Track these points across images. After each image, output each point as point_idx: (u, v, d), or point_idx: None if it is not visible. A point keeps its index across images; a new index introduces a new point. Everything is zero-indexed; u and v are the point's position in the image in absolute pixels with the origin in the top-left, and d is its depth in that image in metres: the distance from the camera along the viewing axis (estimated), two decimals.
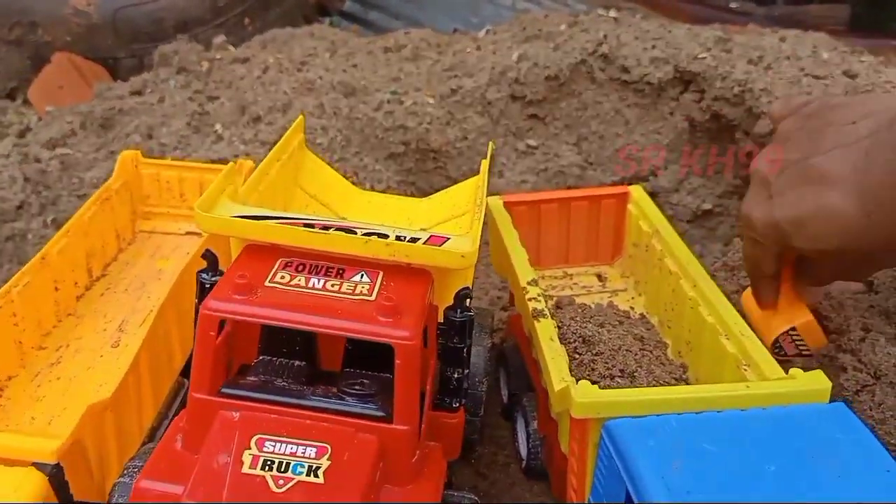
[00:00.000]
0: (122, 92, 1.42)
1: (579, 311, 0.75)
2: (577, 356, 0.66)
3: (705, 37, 1.24)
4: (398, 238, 0.56)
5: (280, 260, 0.55)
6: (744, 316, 0.68)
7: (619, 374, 0.65)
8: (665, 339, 0.75)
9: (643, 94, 1.18)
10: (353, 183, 1.16)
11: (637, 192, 0.86)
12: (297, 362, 0.57)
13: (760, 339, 0.63)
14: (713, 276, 0.75)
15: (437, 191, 1.21)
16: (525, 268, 0.73)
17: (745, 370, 0.60)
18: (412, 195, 1.23)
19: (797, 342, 0.74)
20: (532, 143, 1.20)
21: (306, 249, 0.55)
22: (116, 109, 1.34)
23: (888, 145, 0.58)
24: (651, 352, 0.70)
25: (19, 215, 1.10)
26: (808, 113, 0.67)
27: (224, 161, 1.13)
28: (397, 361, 0.50)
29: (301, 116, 0.80)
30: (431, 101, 1.21)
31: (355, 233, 0.56)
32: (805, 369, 0.57)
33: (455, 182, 1.21)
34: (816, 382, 0.54)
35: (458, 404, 0.61)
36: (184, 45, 1.51)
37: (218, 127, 1.28)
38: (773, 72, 1.12)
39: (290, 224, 0.55)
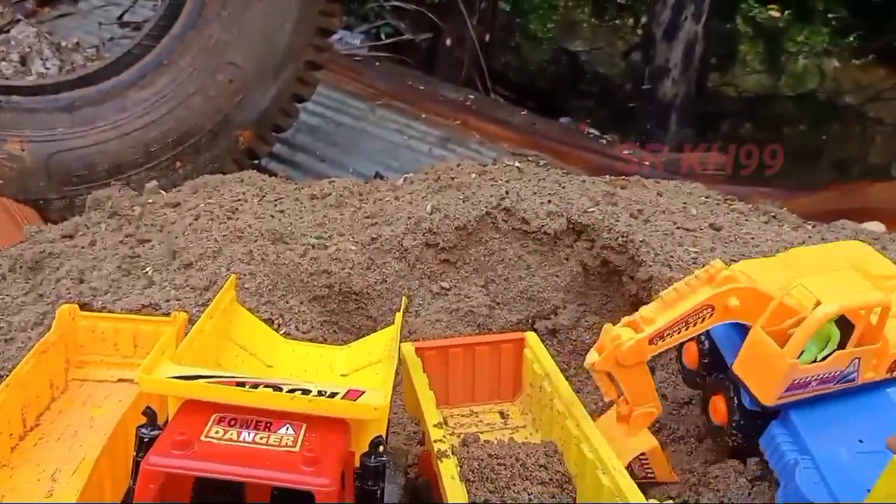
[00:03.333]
0: (53, 235, 1.49)
1: (482, 448, 0.84)
2: (477, 493, 0.75)
3: (595, 191, 1.41)
4: (320, 393, 0.65)
5: (214, 415, 0.63)
6: None
7: None
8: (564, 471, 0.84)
9: (542, 242, 1.32)
10: (278, 325, 1.25)
11: (531, 338, 0.98)
12: None
13: None
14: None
15: (359, 329, 1.32)
16: (432, 411, 0.82)
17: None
18: (335, 334, 1.32)
19: (646, 468, 0.84)
20: (445, 285, 1.32)
21: (238, 405, 0.63)
22: (47, 253, 1.40)
23: None
24: (546, 486, 0.79)
25: None
26: None
27: (156, 307, 1.20)
28: None
29: (232, 277, 0.90)
30: (353, 247, 1.32)
31: (281, 389, 0.64)
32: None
33: (375, 321, 1.31)
34: None
35: None
36: (116, 190, 1.60)
37: (149, 270, 1.35)
38: (651, 225, 1.29)
39: (223, 383, 0.63)
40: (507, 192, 1.36)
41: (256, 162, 2.05)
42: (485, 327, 1.30)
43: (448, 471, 0.71)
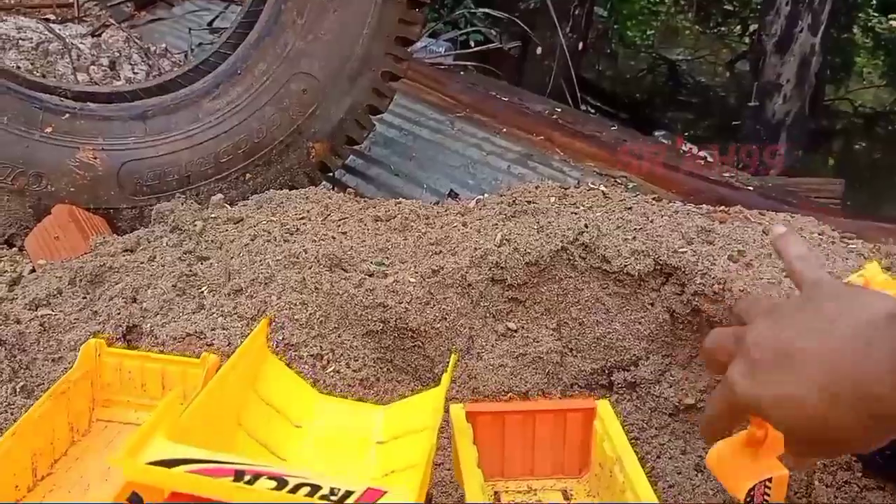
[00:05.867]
0: (116, 248, 1.45)
1: None
2: None
3: (688, 226, 1.26)
4: (332, 492, 0.54)
5: None
6: None
7: None
8: None
9: (624, 283, 1.18)
10: (328, 361, 1.15)
11: (603, 408, 0.84)
12: None
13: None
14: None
15: (415, 369, 1.22)
16: (477, 496, 0.70)
17: None
18: (389, 373, 1.22)
19: (765, 496, 0.73)
20: (512, 326, 1.20)
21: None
22: (107, 267, 1.36)
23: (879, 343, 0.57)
24: None
25: None
26: (806, 300, 0.67)
27: (200, 335, 1.13)
28: None
29: (264, 321, 0.80)
30: (412, 279, 1.21)
31: (287, 483, 0.54)
32: None
33: (433, 362, 1.20)
34: None
35: None
36: (179, 203, 1.55)
37: (204, 290, 1.28)
38: (754, 270, 1.13)
39: (216, 472, 0.53)
40: (586, 226, 1.22)
41: (330, 175, 1.98)
42: (554, 376, 1.17)
43: None
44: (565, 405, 0.86)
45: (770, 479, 0.72)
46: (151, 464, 0.53)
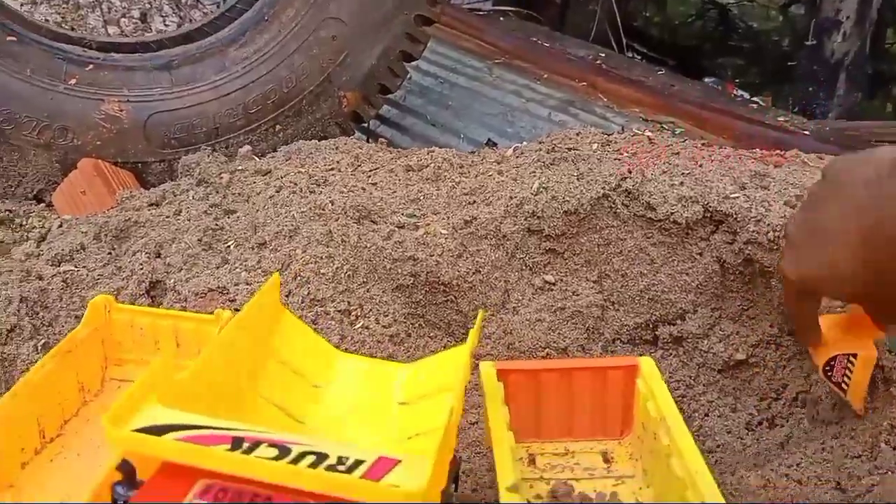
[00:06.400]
0: (142, 202, 1.41)
1: None
2: None
3: (740, 170, 1.16)
4: (339, 460, 0.48)
5: (200, 482, 0.48)
6: None
7: None
8: None
9: (670, 232, 1.09)
10: (356, 317, 1.10)
11: (646, 364, 0.77)
12: None
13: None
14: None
15: (448, 325, 1.16)
16: (506, 465, 0.64)
17: None
18: (420, 328, 1.16)
19: (847, 372, 0.73)
20: (549, 279, 1.13)
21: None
22: (132, 221, 1.32)
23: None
24: None
25: (10, 339, 1.06)
26: (828, 175, 0.72)
27: (223, 290, 1.09)
28: None
29: (275, 276, 0.75)
30: (444, 231, 1.15)
31: (289, 451, 0.48)
32: None
33: (466, 317, 1.14)
34: None
35: None
36: (206, 155, 1.51)
37: (231, 244, 1.24)
38: None
39: (211, 440, 0.48)
40: (630, 171, 1.14)
41: (363, 125, 1.91)
42: (595, 331, 1.10)
43: None
44: (605, 363, 0.79)
45: (854, 356, 0.72)
46: (139, 431, 0.48)
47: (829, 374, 0.78)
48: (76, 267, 1.21)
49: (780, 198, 1.08)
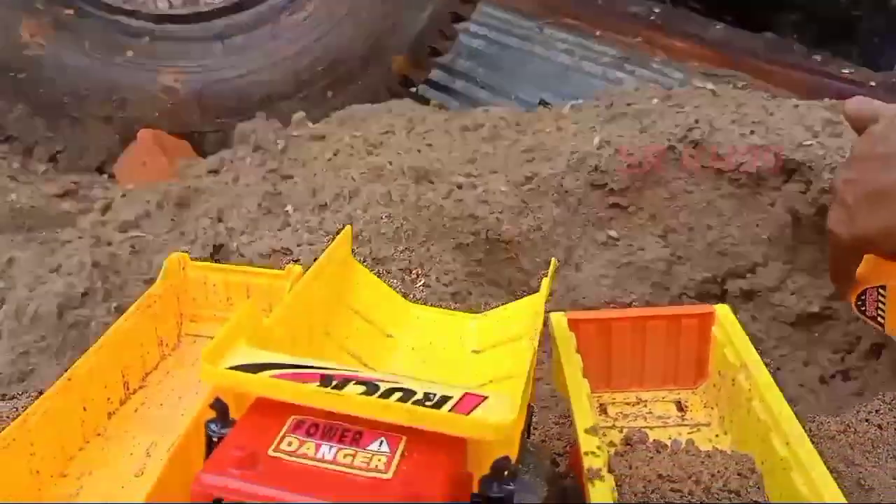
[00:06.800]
0: (201, 170, 1.43)
1: (650, 456, 0.64)
2: None
3: (812, 118, 1.12)
4: (426, 397, 0.48)
5: (292, 419, 0.48)
6: None
7: None
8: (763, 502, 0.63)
9: (740, 183, 1.06)
10: (417, 276, 1.10)
11: (723, 312, 0.75)
12: None
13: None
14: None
15: (510, 283, 1.15)
16: (583, 409, 0.63)
17: None
18: (481, 287, 1.16)
19: (879, 305, 0.73)
20: (613, 234, 1.11)
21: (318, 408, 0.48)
22: (193, 189, 1.34)
23: None
24: None
25: (84, 302, 1.09)
26: (879, 134, 0.71)
27: (287, 251, 1.10)
28: None
29: (348, 228, 0.75)
30: (504, 188, 1.14)
31: (378, 388, 0.48)
32: None
33: (528, 275, 1.13)
34: None
35: None
36: (261, 122, 1.51)
37: (289, 208, 1.25)
38: None
39: (302, 377, 0.48)
40: (696, 121, 1.11)
41: (413, 90, 1.90)
42: (662, 286, 1.08)
43: (601, 497, 0.53)
44: (679, 311, 0.77)
45: (883, 287, 0.72)
46: (233, 368, 0.49)
47: (863, 308, 0.77)
48: (143, 233, 1.24)
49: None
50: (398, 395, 0.48)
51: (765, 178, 1.04)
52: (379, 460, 0.46)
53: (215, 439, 0.51)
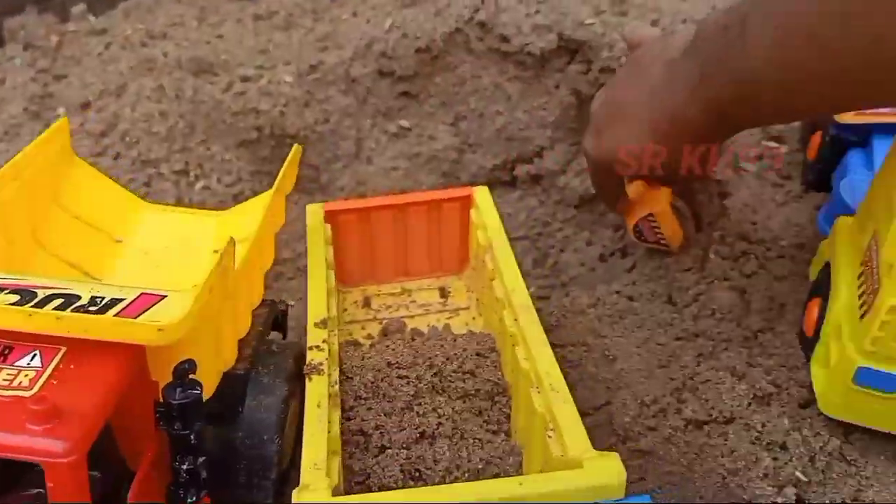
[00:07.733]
0: None
1: (392, 347, 0.63)
2: (366, 416, 0.55)
3: None
4: (92, 301, 0.43)
5: None
6: None
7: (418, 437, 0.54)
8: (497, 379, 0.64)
9: (525, 65, 1.04)
10: (196, 177, 1.03)
11: (480, 194, 0.74)
12: None
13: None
14: None
15: (299, 180, 1.09)
16: (317, 299, 0.61)
17: (550, 436, 0.49)
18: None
19: (655, 230, 0.76)
20: (404, 123, 1.07)
21: None
22: None
23: (674, 74, 0.63)
24: (469, 399, 0.59)
25: None
26: (634, 58, 0.71)
27: None
28: (48, 484, 0.38)
29: (62, 119, 0.67)
30: (289, 79, 1.07)
31: (35, 295, 0.43)
32: None
33: (318, 171, 1.08)
34: (608, 475, 0.43)
35: (195, 497, 0.49)
36: (33, 17, 1.35)
37: (61, 110, 1.13)
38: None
39: None
40: (482, 1, 1.07)
41: None
42: (453, 176, 1.06)
43: (314, 395, 0.51)
44: (440, 195, 0.75)
45: (651, 215, 0.74)
46: None
47: (642, 238, 0.79)
48: None
49: (638, 22, 1.04)
50: (58, 301, 0.43)
51: (548, 58, 1.03)
52: (24, 377, 0.41)
53: None
